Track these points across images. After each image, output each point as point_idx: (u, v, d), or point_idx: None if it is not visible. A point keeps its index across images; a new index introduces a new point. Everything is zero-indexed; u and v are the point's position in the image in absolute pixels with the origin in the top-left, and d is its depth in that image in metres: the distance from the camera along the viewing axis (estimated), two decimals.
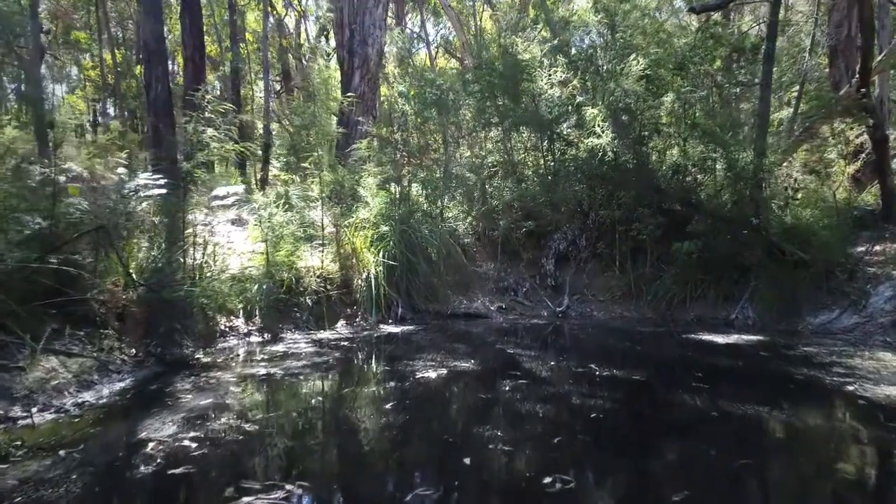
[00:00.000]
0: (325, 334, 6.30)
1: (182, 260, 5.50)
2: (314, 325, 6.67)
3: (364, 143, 7.97)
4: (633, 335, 6.60)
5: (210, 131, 5.71)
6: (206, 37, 18.66)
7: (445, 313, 7.80)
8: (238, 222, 8.70)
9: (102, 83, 14.72)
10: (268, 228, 6.84)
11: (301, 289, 6.88)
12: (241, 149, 6.10)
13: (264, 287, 6.31)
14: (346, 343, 5.87)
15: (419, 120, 8.41)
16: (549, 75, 8.96)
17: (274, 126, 15.89)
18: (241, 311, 6.26)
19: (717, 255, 7.48)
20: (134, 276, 4.96)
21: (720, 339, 6.09)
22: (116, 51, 14.31)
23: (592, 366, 4.87)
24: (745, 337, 6.15)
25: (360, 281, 7.40)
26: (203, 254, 6.01)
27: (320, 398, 4.14)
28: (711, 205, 7.70)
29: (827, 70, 12.22)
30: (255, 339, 6.00)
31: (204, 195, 7.02)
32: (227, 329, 5.98)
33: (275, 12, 20.68)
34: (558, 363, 5.13)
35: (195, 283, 5.28)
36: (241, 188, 8.31)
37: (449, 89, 8.66)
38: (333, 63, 16.29)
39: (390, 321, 7.28)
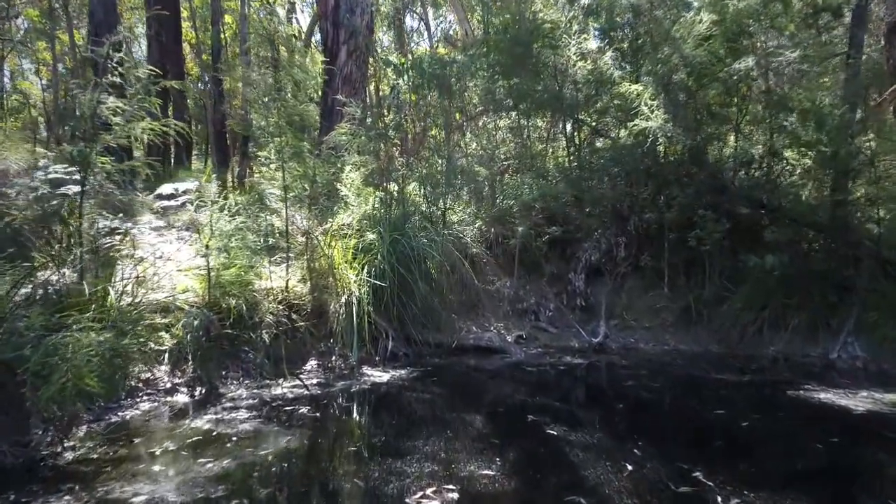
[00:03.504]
0: (280, 390, 4.51)
1: (57, 290, 3.72)
2: (272, 369, 4.88)
3: (345, 126, 6.20)
4: (706, 385, 4.81)
5: (112, 101, 3.94)
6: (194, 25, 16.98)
7: (449, 346, 6.02)
8: (195, 228, 6.92)
9: (53, 65, 12.95)
10: (212, 237, 5.07)
11: (256, 319, 5.09)
12: (163, 129, 4.31)
13: (195, 322, 4.53)
14: (306, 407, 4.07)
15: (414, 98, 6.64)
16: (578, 43, 7.16)
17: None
18: (167, 357, 4.49)
19: (806, 271, 5.70)
20: None
21: (842, 398, 4.29)
22: (75, 31, 12.65)
23: (686, 466, 3.05)
24: (876, 394, 4.34)
25: (337, 306, 5.62)
26: (105, 277, 4.24)
27: None
28: (798, 207, 5.91)
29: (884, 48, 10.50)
30: (180, 398, 4.21)
31: (127, 194, 5.24)
32: (141, 385, 4.20)
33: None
34: (628, 458, 3.28)
35: (77, 325, 3.50)
36: (192, 185, 6.52)
37: (452, 62, 6.86)
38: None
39: (377, 360, 5.51)
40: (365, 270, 5.84)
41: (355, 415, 4.12)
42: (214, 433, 3.46)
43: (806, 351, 5.56)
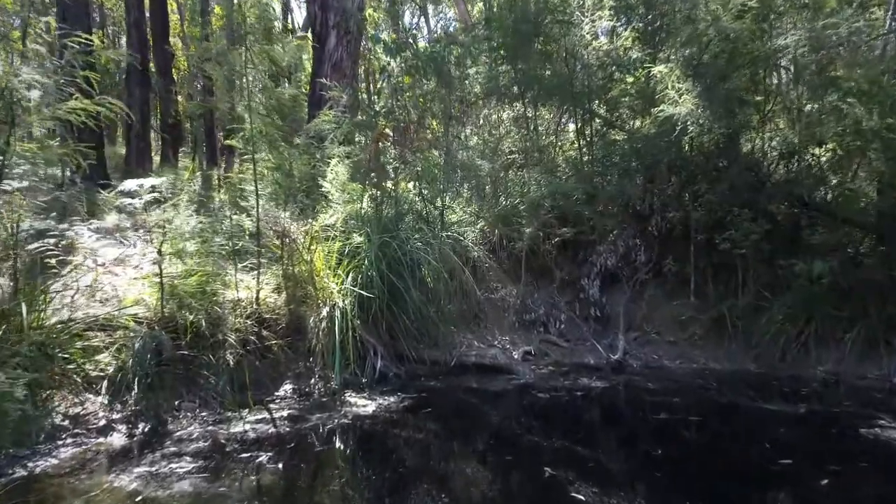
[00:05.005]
0: (242, 426, 3.72)
1: None
2: (235, 396, 4.10)
3: (329, 114, 5.42)
4: (756, 418, 4.02)
5: (26, 73, 3.16)
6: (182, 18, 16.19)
7: (448, 364, 5.26)
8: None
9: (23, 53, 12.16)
10: (166, 241, 4.30)
11: (220, 337, 4.31)
12: (95, 109, 3.53)
13: (142, 342, 3.76)
14: (267, 454, 3.28)
15: (408, 80, 5.86)
16: (593, 21, 6.37)
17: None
18: (105, 386, 3.71)
19: (860, 280, 4.92)
20: None
21: None
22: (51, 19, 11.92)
23: None
24: None
25: (317, 320, 4.85)
26: (26, 289, 3.47)
27: None
28: (850, 205, 5.13)
29: None
30: (115, 439, 3.44)
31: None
32: (67, 423, 3.42)
33: None
34: None
35: None
36: (158, 181, 5.75)
37: (451, 43, 6.08)
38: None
39: (364, 382, 4.74)
40: (350, 278, 5.07)
41: (326, 468, 3.32)
42: (139, 499, 2.67)
43: (861, 372, 4.78)
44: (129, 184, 5.51)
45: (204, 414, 3.89)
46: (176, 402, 3.92)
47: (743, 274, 5.68)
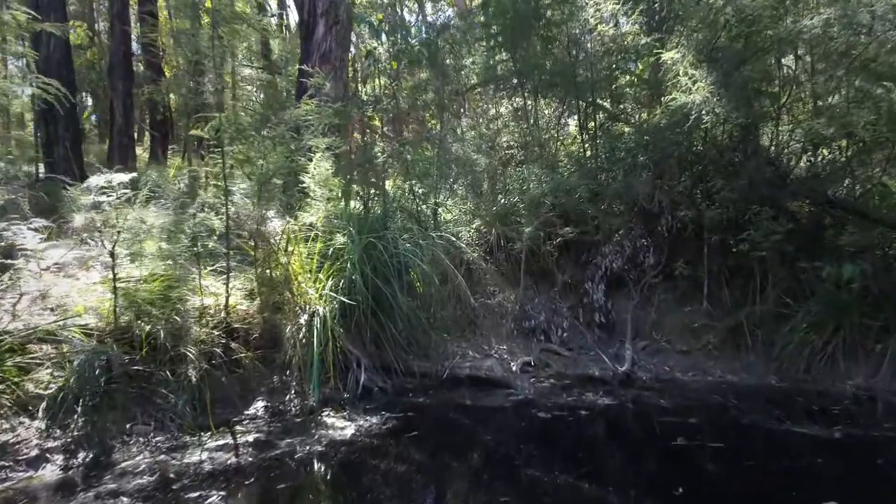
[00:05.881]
0: (199, 454, 3.25)
1: None
2: (196, 418, 3.63)
3: (311, 103, 4.94)
4: (788, 444, 3.54)
5: None
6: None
7: (439, 377, 4.80)
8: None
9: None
10: (119, 241, 3.84)
11: (183, 350, 3.84)
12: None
13: (78, 361, 3.30)
14: (219, 493, 2.81)
15: (395, 66, 5.37)
16: (597, 3, 5.88)
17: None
18: (42, 408, 3.25)
19: (893, 284, 4.46)
20: None
21: None
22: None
23: None
24: None
25: (294, 329, 4.38)
26: None
27: None
28: (883, 204, 4.66)
29: None
30: (47, 472, 2.97)
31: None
32: None
33: None
34: None
35: None
36: (128, 177, 5.28)
37: (446, 27, 5.61)
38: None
39: (345, 398, 4.29)
40: (330, 282, 4.61)
41: (294, 496, 2.86)
42: None
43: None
44: (96, 180, 5.05)
45: (158, 439, 3.42)
46: (127, 426, 3.45)
47: (761, 278, 5.21)
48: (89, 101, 15.85)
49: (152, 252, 4.04)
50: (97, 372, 3.44)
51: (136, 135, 13.26)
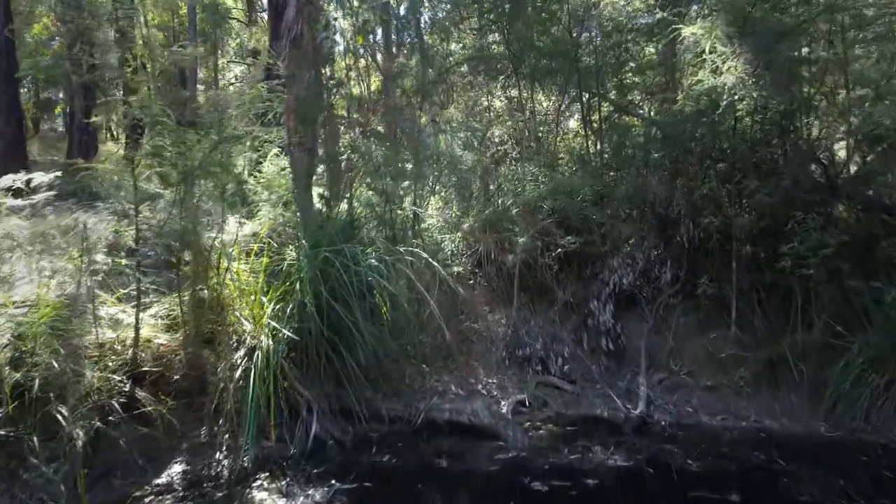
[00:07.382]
0: None
1: None
2: (82, 495, 2.73)
3: (258, 87, 4.03)
4: None
5: None
6: None
7: (412, 423, 3.92)
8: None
9: None
10: None
11: (70, 402, 2.92)
12: None
13: None
14: None
15: (361, 41, 4.47)
16: None
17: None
18: None
19: None
20: None
21: None
22: None
23: None
24: None
25: (227, 368, 3.48)
26: None
27: None
28: None
29: None
30: None
31: None
32: None
33: None
34: None
35: None
36: (45, 176, 4.36)
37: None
38: None
39: (291, 454, 3.39)
40: (276, 308, 3.71)
41: None
42: None
43: None
44: (6, 180, 4.15)
45: None
46: None
47: (803, 299, 4.32)
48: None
49: (34, 271, 3.13)
50: None
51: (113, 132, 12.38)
